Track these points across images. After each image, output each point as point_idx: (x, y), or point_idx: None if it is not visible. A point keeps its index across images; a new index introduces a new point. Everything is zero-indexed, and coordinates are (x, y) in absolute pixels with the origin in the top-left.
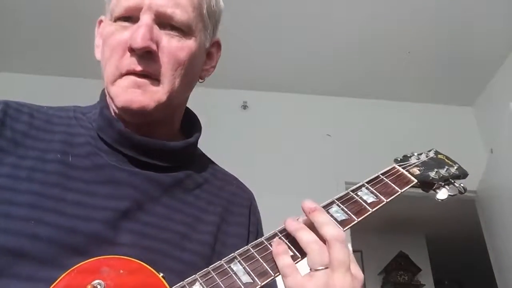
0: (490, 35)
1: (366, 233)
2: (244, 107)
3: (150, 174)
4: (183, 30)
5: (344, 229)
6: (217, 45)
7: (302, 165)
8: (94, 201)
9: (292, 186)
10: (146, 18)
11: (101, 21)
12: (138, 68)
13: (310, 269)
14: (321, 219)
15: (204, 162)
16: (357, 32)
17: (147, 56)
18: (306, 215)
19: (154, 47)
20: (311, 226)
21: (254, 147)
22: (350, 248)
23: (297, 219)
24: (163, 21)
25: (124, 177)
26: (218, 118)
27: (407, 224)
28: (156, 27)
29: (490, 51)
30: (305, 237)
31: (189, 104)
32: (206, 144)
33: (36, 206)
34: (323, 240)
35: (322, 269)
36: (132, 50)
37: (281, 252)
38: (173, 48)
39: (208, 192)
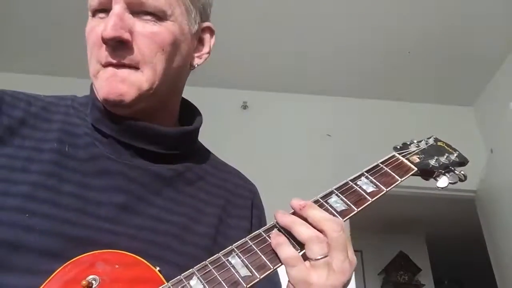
0: (490, 35)
1: (366, 233)
2: (244, 107)
3: (149, 167)
4: (158, 15)
5: (344, 220)
6: (209, 30)
7: (302, 165)
8: (91, 193)
9: (292, 186)
10: (116, 8)
11: None
12: (114, 60)
13: (310, 259)
14: (314, 213)
15: (205, 155)
16: (357, 32)
17: (121, 47)
18: (297, 212)
19: (126, 35)
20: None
21: (254, 147)
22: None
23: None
24: (135, 9)
25: (121, 169)
26: (218, 118)
27: (407, 224)
28: (129, 15)
29: (490, 51)
30: (305, 231)
31: None
32: (206, 144)
33: (31, 197)
34: (321, 230)
35: (321, 258)
36: (105, 42)
37: (282, 242)
38: (148, 32)
39: (209, 184)
